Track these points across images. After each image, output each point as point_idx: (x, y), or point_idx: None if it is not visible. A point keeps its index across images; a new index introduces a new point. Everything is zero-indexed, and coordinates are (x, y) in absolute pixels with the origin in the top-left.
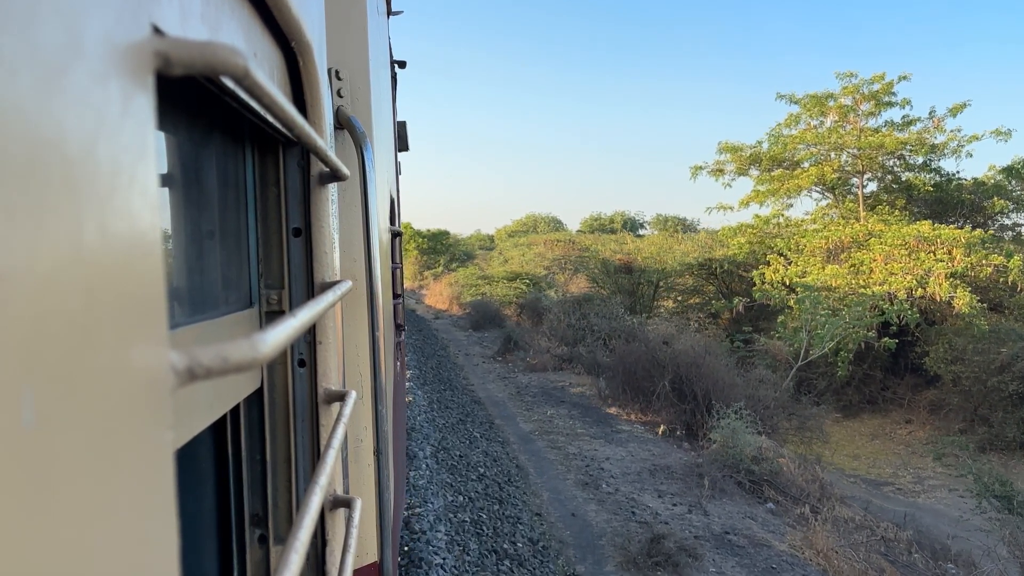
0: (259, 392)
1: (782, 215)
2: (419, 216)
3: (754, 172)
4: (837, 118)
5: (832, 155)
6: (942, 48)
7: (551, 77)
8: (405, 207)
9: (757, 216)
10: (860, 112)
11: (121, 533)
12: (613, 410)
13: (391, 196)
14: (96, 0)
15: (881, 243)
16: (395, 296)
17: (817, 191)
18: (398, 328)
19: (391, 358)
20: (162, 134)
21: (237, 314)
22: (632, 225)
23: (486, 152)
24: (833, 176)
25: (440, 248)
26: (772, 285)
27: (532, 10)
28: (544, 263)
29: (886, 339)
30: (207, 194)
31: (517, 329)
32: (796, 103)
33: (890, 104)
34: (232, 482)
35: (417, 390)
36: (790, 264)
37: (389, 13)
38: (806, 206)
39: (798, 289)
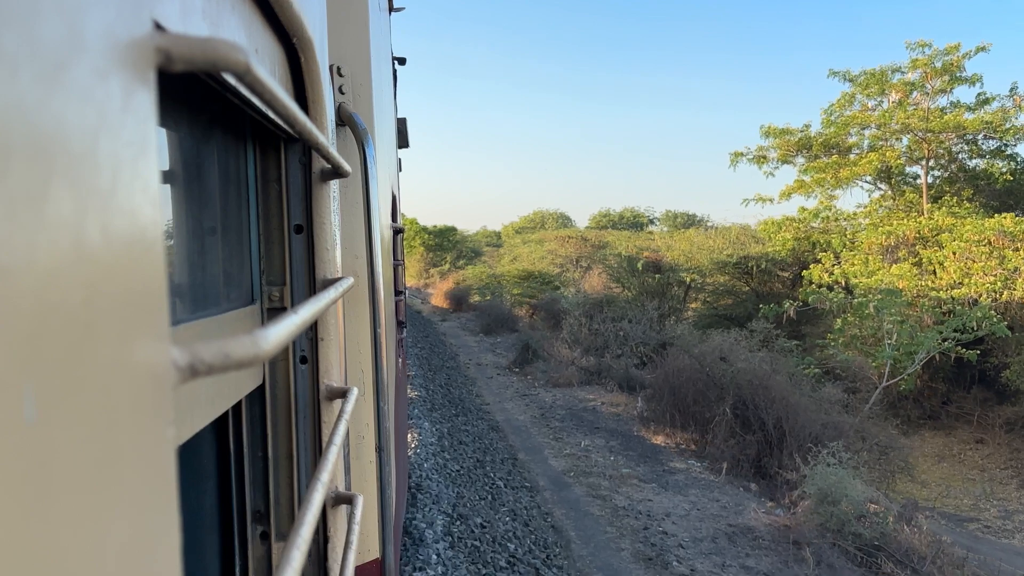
0: (261, 389)
1: (832, 208)
2: (424, 212)
3: (799, 160)
4: (899, 97)
5: (894, 139)
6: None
7: (557, 73)
8: (409, 203)
9: (803, 209)
10: (929, 89)
11: (123, 529)
12: (659, 439)
13: (392, 193)
14: None
15: (954, 239)
16: (397, 293)
17: (867, 182)
18: (400, 325)
19: (393, 355)
20: (164, 130)
21: (239, 310)
22: (640, 222)
23: (491, 148)
24: (899, 163)
25: (447, 245)
26: (825, 287)
27: (535, 6)
28: (558, 260)
29: (964, 349)
30: (209, 190)
31: (534, 335)
32: (851, 80)
33: (961, 80)
34: (234, 478)
35: (423, 420)
36: (840, 263)
37: (390, 10)
38: (854, 198)
39: (858, 291)
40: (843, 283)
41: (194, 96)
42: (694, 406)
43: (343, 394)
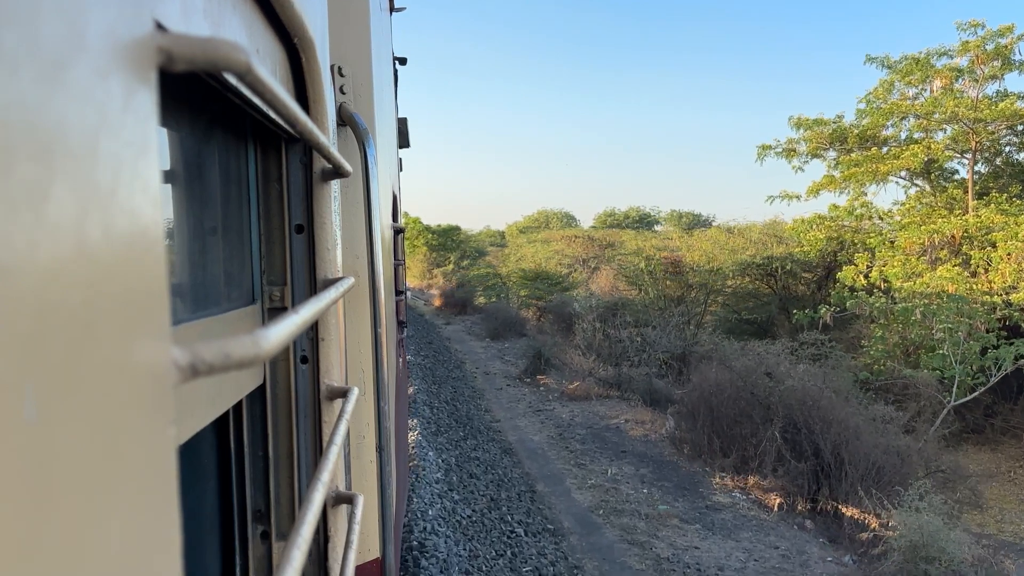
0: (262, 388)
1: (869, 205)
2: (426, 212)
3: (829, 154)
4: (944, 84)
5: (938, 130)
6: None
7: (561, 72)
8: (412, 202)
9: (835, 207)
10: (979, 75)
11: (123, 529)
12: (696, 466)
13: (393, 192)
14: None
15: (1009, 238)
16: (398, 293)
17: (902, 177)
18: (400, 325)
19: (393, 354)
20: (165, 130)
21: (239, 310)
22: (648, 221)
23: (494, 147)
24: (946, 155)
25: (451, 245)
26: (860, 290)
27: (536, 5)
28: (565, 260)
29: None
30: (210, 190)
31: (545, 340)
32: (889, 67)
33: (1012, 66)
34: (235, 478)
35: (428, 449)
36: (878, 264)
37: (391, 10)
38: (887, 195)
39: (899, 295)
40: (881, 286)
41: (195, 96)
42: (735, 427)
43: (344, 394)
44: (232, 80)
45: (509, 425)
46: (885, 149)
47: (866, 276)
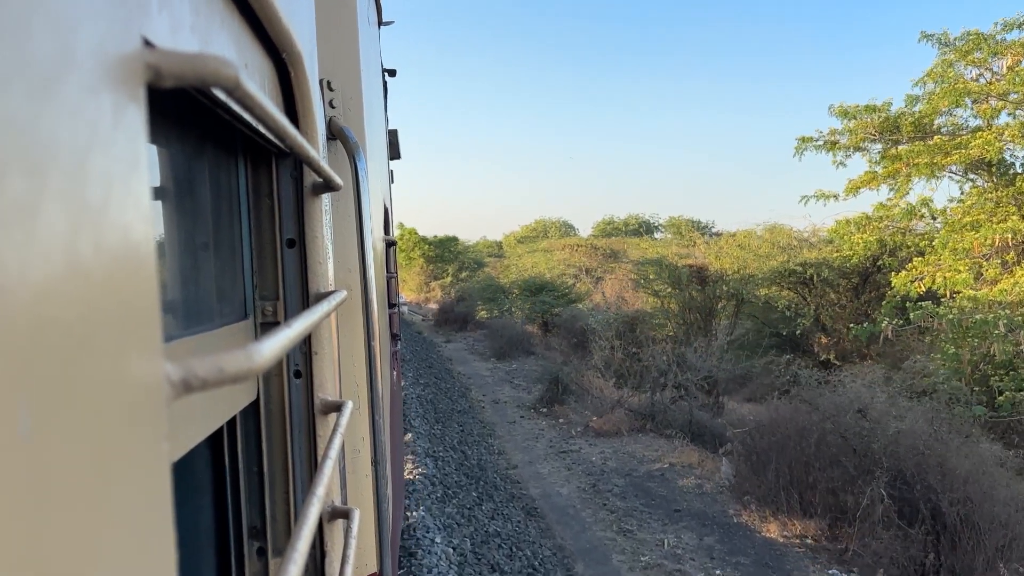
0: (255, 404)
1: (930, 202)
2: (420, 222)
3: (874, 147)
4: (1013, 61)
5: (1011, 114)
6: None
7: (556, 80)
8: (408, 213)
9: (881, 205)
10: None
11: (118, 545)
12: (772, 529)
13: (385, 205)
14: (86, 13)
15: None
16: (391, 306)
17: (956, 173)
18: (394, 338)
19: (387, 368)
20: (155, 147)
21: (232, 326)
22: (648, 228)
23: (488, 156)
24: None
25: (448, 256)
26: (916, 299)
27: (531, 11)
28: (571, 270)
29: None
30: (201, 206)
31: (554, 358)
32: (946, 45)
33: None
34: (230, 494)
35: (435, 533)
36: (930, 268)
37: (380, 23)
38: (939, 193)
39: (970, 305)
40: (948, 294)
41: (185, 112)
42: (822, 480)
43: (338, 408)
44: (221, 96)
45: (529, 472)
46: (944, 134)
47: (921, 281)
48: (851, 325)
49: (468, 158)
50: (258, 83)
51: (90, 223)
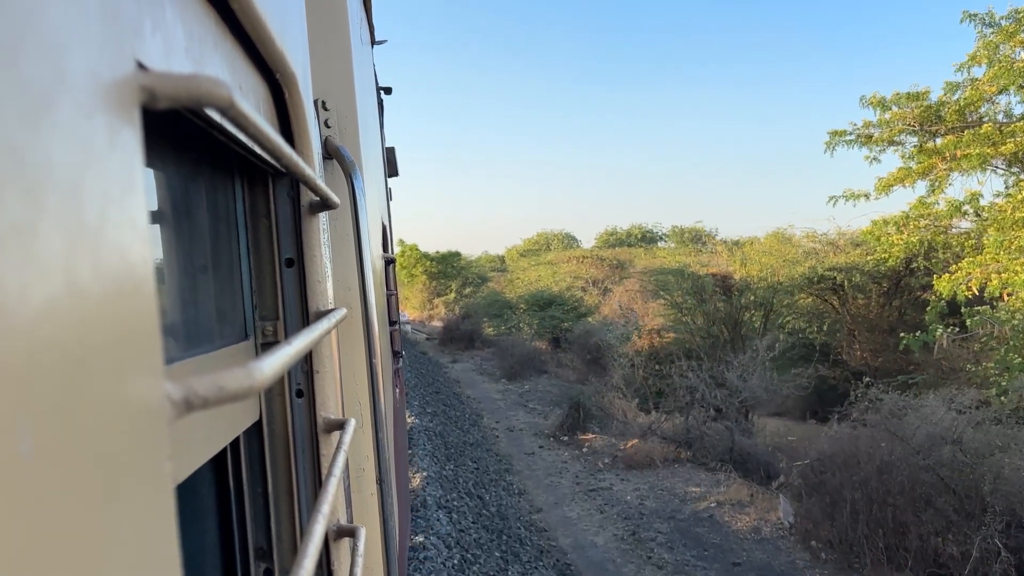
0: (258, 424)
1: (979, 196)
2: (422, 239)
3: (909, 140)
4: None
5: None
6: None
7: (556, 92)
8: (410, 229)
9: (921, 202)
10: None
11: (123, 569)
12: None
13: (383, 223)
14: (80, 36)
15: None
16: (391, 323)
17: (1001, 166)
18: (396, 355)
19: (390, 385)
20: (151, 169)
21: (232, 347)
22: (651, 238)
23: (486, 170)
24: None
25: (451, 272)
26: (964, 303)
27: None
28: (579, 283)
29: None
30: (198, 228)
31: (567, 375)
32: (992, 25)
33: None
34: (235, 516)
35: None
36: (978, 269)
37: (373, 43)
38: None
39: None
40: (1004, 296)
41: (181, 134)
42: (913, 525)
43: (341, 426)
44: (216, 116)
45: (556, 517)
46: (986, 122)
47: (968, 286)
48: (902, 335)
49: (467, 172)
50: (253, 104)
51: (88, 245)
